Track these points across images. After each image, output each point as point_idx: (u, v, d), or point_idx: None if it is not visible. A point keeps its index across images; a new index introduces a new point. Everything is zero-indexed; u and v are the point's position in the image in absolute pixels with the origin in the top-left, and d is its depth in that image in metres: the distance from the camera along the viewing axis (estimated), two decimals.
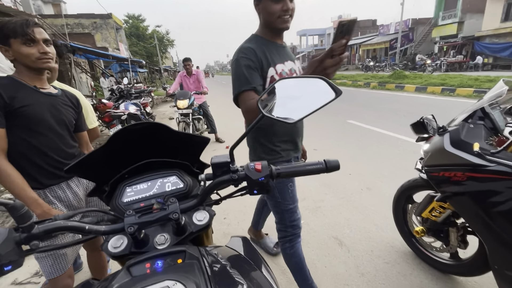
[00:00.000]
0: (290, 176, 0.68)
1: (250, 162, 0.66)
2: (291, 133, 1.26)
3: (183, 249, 0.53)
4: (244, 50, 1.11)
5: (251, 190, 0.65)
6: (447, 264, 1.56)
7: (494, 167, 1.03)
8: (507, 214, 1.02)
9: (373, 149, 3.86)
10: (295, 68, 1.25)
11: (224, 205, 2.92)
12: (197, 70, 4.67)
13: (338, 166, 0.66)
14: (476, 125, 1.20)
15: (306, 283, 1.42)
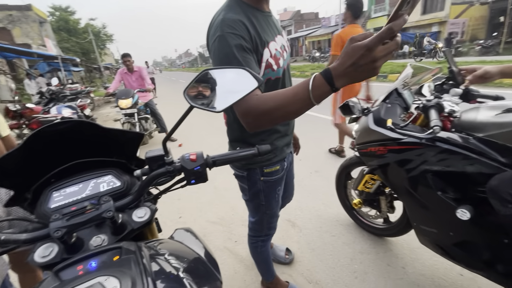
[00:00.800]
0: (226, 163, 0.70)
1: (185, 154, 0.66)
2: (286, 126, 1.07)
3: (119, 245, 0.51)
4: (231, 23, 0.79)
5: (188, 180, 0.66)
6: (381, 228, 1.78)
7: (406, 139, 1.20)
8: (417, 178, 1.20)
9: (320, 134, 4.14)
10: (285, 44, 0.98)
11: (179, 204, 2.86)
12: (139, 67, 4.36)
13: (269, 150, 0.70)
14: (393, 105, 1.38)
15: (269, 271, 1.46)
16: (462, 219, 1.05)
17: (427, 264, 1.58)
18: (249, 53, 0.81)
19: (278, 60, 0.91)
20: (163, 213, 2.42)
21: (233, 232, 2.07)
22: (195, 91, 0.67)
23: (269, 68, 0.89)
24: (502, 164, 0.99)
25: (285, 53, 0.97)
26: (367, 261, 1.66)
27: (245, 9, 0.85)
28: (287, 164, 1.15)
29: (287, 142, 1.11)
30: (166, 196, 0.79)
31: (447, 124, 1.19)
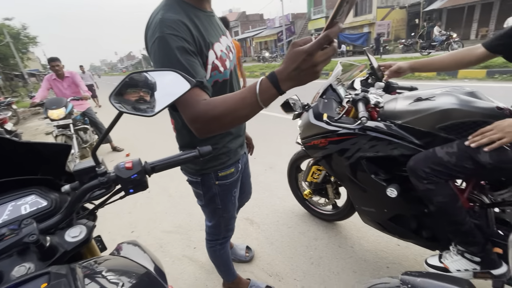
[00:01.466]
0: (166, 168, 0.67)
1: (120, 162, 0.62)
2: (237, 128, 1.05)
3: (46, 271, 0.46)
4: (171, 23, 0.73)
5: (125, 189, 0.62)
6: (331, 214, 1.93)
7: (342, 130, 1.32)
8: (354, 164, 1.33)
9: (272, 132, 4.28)
10: (230, 45, 0.95)
11: (130, 218, 2.67)
12: (71, 72, 3.89)
13: (210, 151, 0.70)
14: (329, 99, 1.50)
15: (230, 272, 1.45)
16: (392, 197, 1.21)
17: (371, 240, 1.77)
18: (193, 55, 0.75)
19: (225, 61, 0.88)
20: (112, 229, 2.23)
21: (192, 239, 2.02)
22: (133, 95, 0.64)
23: (216, 70, 0.85)
24: (417, 146, 1.16)
25: (231, 54, 0.95)
26: (321, 246, 1.79)
27: (185, 9, 0.80)
28: (241, 165, 1.14)
29: (241, 144, 1.10)
30: (114, 211, 0.74)
31: (375, 114, 1.35)
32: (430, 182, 1.07)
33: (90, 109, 4.14)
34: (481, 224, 1.13)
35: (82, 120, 3.98)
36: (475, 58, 1.14)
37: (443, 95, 1.13)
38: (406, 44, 16.05)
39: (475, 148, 0.97)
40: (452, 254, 1.18)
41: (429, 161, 1.06)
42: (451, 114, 1.06)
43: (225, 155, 1.02)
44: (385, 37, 18.20)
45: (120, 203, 0.66)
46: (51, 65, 3.67)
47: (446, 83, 6.28)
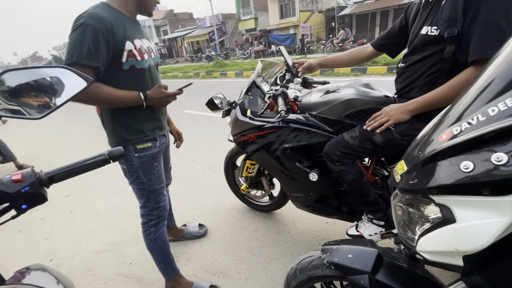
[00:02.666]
0: (69, 177, 0.61)
1: (5, 176, 0.53)
2: (155, 111, 1.24)
3: None
4: (98, 17, 0.98)
5: (16, 206, 0.54)
6: (269, 205, 2.03)
7: (267, 124, 1.41)
8: (281, 155, 1.44)
9: (208, 132, 4.23)
10: (152, 47, 1.22)
11: (47, 245, 2.32)
12: None
13: (122, 153, 0.66)
14: (254, 96, 1.58)
15: (170, 265, 1.45)
16: (313, 180, 1.35)
17: (304, 223, 1.94)
18: (103, 45, 0.99)
19: (143, 54, 1.12)
20: (23, 263, 1.86)
21: (127, 254, 1.86)
22: (37, 99, 0.56)
23: (132, 57, 1.09)
24: (330, 133, 1.33)
25: (152, 54, 1.20)
26: (262, 236, 1.87)
27: (114, 12, 1.06)
28: (159, 143, 1.29)
29: (157, 126, 1.28)
30: (24, 240, 0.63)
31: (295, 107, 1.48)
32: (341, 164, 1.23)
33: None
34: (383, 193, 1.36)
35: None
36: (366, 55, 1.36)
37: (345, 87, 1.31)
38: (326, 44, 17.90)
39: (371, 131, 1.16)
40: (364, 222, 1.39)
41: (339, 145, 1.22)
42: (352, 103, 1.24)
43: (140, 131, 1.21)
44: (308, 38, 19.91)
45: (32, 229, 0.58)
46: None
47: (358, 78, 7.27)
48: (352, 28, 21.05)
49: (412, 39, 1.10)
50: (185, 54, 32.88)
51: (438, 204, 0.51)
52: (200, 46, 31.63)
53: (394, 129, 1.12)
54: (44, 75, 0.57)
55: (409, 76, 1.12)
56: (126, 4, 1.10)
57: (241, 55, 21.55)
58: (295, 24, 22.11)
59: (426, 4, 1.05)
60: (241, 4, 26.28)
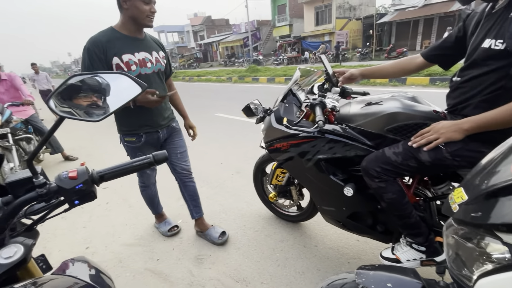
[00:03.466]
0: (118, 177, 0.64)
1: (63, 172, 0.57)
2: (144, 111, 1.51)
3: None
4: (93, 40, 1.37)
5: (69, 201, 0.57)
6: (296, 215, 1.98)
7: (301, 134, 1.37)
8: (314, 166, 1.39)
9: (239, 137, 4.28)
10: (149, 58, 1.50)
11: (84, 233, 2.47)
12: (10, 74, 3.43)
13: (166, 157, 0.67)
14: (290, 104, 1.55)
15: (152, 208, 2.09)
16: (348, 195, 1.28)
17: (333, 238, 1.85)
18: (96, 59, 1.36)
19: (130, 66, 1.43)
20: (64, 247, 2.03)
21: (155, 250, 1.92)
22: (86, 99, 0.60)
23: (120, 69, 1.41)
24: (370, 147, 1.25)
25: (149, 64, 1.50)
26: (287, 247, 1.82)
27: (112, 34, 1.41)
28: (145, 139, 1.61)
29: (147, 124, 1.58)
30: (66, 227, 0.67)
31: (332, 117, 1.43)
32: (381, 181, 1.15)
33: (34, 116, 3.70)
34: (425, 216, 1.25)
35: (25, 129, 3.51)
36: (415, 66, 1.27)
37: (389, 100, 1.24)
38: (362, 52, 17.33)
39: (417, 148, 1.07)
40: (402, 245, 1.28)
41: (379, 161, 1.15)
42: (396, 117, 1.16)
43: (127, 126, 1.58)
44: (343, 45, 19.46)
45: (73, 217, 0.61)
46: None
47: (397, 89, 6.90)
48: (391, 36, 20.19)
49: (471, 52, 1.00)
50: (219, 59, 33.96)
51: (506, 244, 0.44)
52: (234, 51, 32.47)
53: (444, 148, 1.02)
54: (103, 80, 0.60)
55: (465, 91, 1.02)
56: (124, 26, 1.42)
57: (274, 61, 21.67)
58: (330, 31, 21.76)
59: (490, 15, 0.96)
60: (277, 11, 26.56)
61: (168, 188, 2.12)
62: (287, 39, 25.68)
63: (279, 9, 26.33)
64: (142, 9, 1.35)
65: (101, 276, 0.61)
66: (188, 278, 1.65)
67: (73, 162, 4.01)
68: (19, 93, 3.46)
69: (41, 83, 6.77)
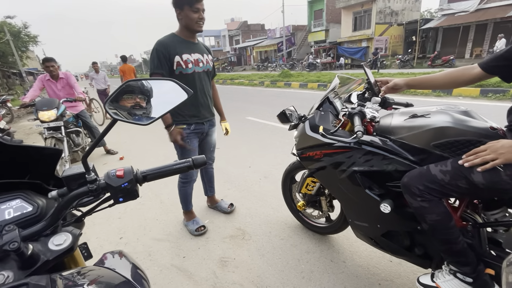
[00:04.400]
0: (159, 178, 0.66)
1: (111, 170, 0.61)
2: (191, 104, 1.82)
3: (25, 281, 0.44)
4: (159, 42, 1.68)
5: (115, 198, 0.60)
6: (324, 227, 1.91)
7: (337, 143, 1.32)
8: (349, 178, 1.32)
9: (268, 141, 4.27)
10: (201, 59, 1.81)
11: (119, 224, 2.61)
12: (66, 73, 3.81)
13: (204, 162, 0.69)
14: (326, 112, 1.50)
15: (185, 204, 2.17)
16: (385, 212, 1.19)
17: (363, 256, 1.74)
18: (163, 58, 1.67)
19: (188, 64, 1.73)
20: (100, 235, 2.17)
21: (181, 248, 1.97)
22: (130, 101, 0.64)
23: (180, 66, 1.71)
24: (412, 162, 1.16)
25: (201, 64, 1.80)
26: (313, 259, 1.75)
27: (173, 38, 1.73)
28: (194, 128, 1.88)
29: (195, 115, 1.86)
30: (103, 216, 0.72)
31: (370, 128, 1.35)
32: (423, 200, 1.06)
33: (84, 111, 4.07)
34: (474, 244, 1.12)
35: (75, 123, 3.89)
36: (471, 77, 1.15)
37: (438, 113, 1.14)
38: (403, 60, 16.41)
39: (469, 168, 0.97)
40: (444, 273, 1.16)
41: (423, 178, 1.06)
42: (445, 132, 1.06)
43: (180, 116, 1.83)
44: (382, 52, 18.62)
45: (110, 208, 0.65)
46: (45, 66, 3.58)
47: (441, 100, 6.39)
48: (436, 43, 18.85)
49: None
50: (252, 63, 34.47)
51: None
52: (268, 55, 32.73)
53: (503, 171, 0.91)
54: (153, 85, 0.63)
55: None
56: (181, 32, 1.74)
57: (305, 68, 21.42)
58: (369, 37, 20.94)
59: None
60: (313, 16, 26.26)
61: (196, 188, 2.16)
62: (322, 45, 25.26)
63: (316, 14, 26.02)
64: (192, 17, 1.63)
65: (138, 272, 0.63)
66: (211, 279, 1.67)
67: (113, 155, 4.31)
68: (73, 90, 3.81)
69: (99, 83, 7.06)
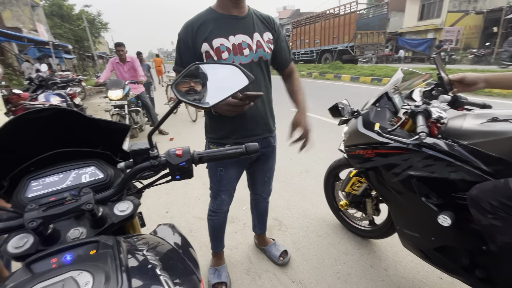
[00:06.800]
0: (212, 160, 0.69)
1: (171, 149, 0.65)
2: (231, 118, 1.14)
3: (96, 239, 0.50)
4: (184, 26, 1.14)
5: (173, 175, 0.65)
6: (366, 230, 1.80)
7: (393, 143, 1.21)
8: (403, 182, 1.21)
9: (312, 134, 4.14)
10: (249, 42, 1.15)
11: (166, 199, 2.82)
12: (132, 57, 4.25)
13: (257, 149, 0.69)
14: (382, 108, 1.38)
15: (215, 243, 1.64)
16: (443, 225, 1.07)
17: (409, 267, 1.61)
18: (187, 48, 1.13)
19: (221, 53, 1.12)
20: (150, 207, 2.39)
21: None
22: (184, 86, 0.67)
23: (210, 58, 1.13)
24: (484, 172, 1.01)
25: (246, 50, 1.15)
26: (351, 262, 1.68)
27: (208, 15, 1.14)
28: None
29: (233, 133, 1.25)
30: (154, 190, 0.78)
31: (434, 130, 1.20)
32: (496, 218, 0.91)
33: (143, 93, 4.50)
34: None
35: (136, 103, 4.35)
36: None
37: None
38: (478, 54, 14.27)
39: None
40: None
41: (498, 193, 0.91)
42: None
43: (212, 133, 1.29)
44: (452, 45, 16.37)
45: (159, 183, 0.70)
46: (117, 50, 4.06)
47: None
48: None
49: None
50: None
51: None
52: None
53: None
54: (217, 69, 0.65)
55: None
56: (220, 2, 1.14)
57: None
58: (437, 27, 18.54)
59: None
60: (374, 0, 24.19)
61: None
62: None
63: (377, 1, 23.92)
64: None
65: (186, 245, 0.67)
66: (246, 264, 1.72)
67: (164, 136, 4.66)
68: (136, 73, 4.22)
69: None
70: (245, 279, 1.61)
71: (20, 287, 0.41)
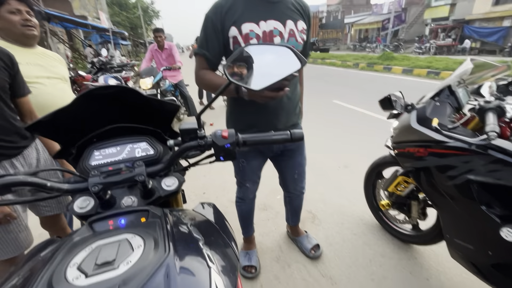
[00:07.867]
0: (257, 144, 0.69)
1: (218, 130, 0.66)
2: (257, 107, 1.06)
3: (147, 208, 0.55)
4: (214, 6, 1.02)
5: (217, 156, 0.67)
6: (408, 234, 1.67)
7: (452, 143, 1.08)
8: (459, 187, 1.08)
9: (354, 128, 3.93)
10: (280, 29, 1.04)
11: (204, 181, 2.94)
12: (170, 44, 4.10)
13: (302, 137, 0.68)
14: (442, 103, 1.23)
15: (244, 228, 1.68)
16: (507, 239, 0.93)
17: (455, 281, 1.46)
18: (213, 31, 1.02)
19: (249, 39, 1.01)
20: (189, 187, 2.53)
21: None
22: (234, 68, 0.67)
23: (237, 44, 1.03)
24: None
25: (277, 38, 1.04)
26: (388, 265, 1.58)
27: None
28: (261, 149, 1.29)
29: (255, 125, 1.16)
30: (193, 171, 0.81)
31: (506, 131, 1.04)
32: None
33: (182, 81, 4.35)
34: None
35: (173, 92, 4.23)
36: None
37: None
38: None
39: None
40: None
41: None
42: None
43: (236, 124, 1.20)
44: None
45: (199, 166, 0.72)
46: (155, 36, 3.94)
47: None
48: None
49: None
50: (348, 42, 31.56)
51: None
52: (368, 35, 29.25)
53: None
54: (269, 51, 0.64)
55: None
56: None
57: (416, 49, 18.17)
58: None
59: None
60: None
61: None
62: (442, 23, 20.70)
63: None
64: None
65: (225, 224, 0.69)
66: (276, 251, 1.73)
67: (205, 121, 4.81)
68: (174, 60, 4.13)
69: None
70: (275, 266, 1.63)
71: (86, 240, 0.47)
